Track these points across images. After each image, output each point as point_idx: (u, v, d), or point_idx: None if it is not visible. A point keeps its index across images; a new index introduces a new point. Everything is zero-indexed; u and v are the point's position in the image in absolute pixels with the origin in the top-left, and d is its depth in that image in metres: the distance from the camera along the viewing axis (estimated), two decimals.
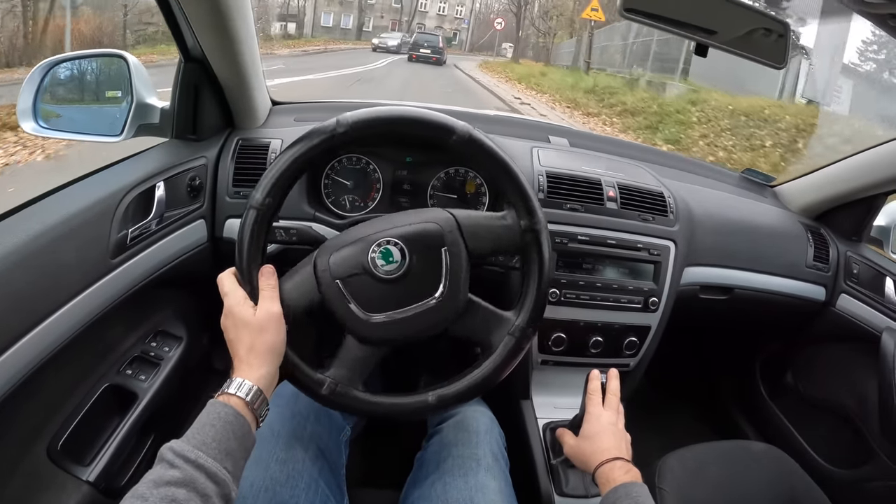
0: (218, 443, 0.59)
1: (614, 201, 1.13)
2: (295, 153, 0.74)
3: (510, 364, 0.80)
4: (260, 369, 0.67)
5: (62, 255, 0.77)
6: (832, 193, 1.36)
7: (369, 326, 0.75)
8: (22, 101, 1.00)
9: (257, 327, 0.69)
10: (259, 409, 0.66)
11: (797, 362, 1.50)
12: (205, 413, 0.63)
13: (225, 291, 0.73)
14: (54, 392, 0.86)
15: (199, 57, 1.00)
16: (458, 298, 0.77)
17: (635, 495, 0.72)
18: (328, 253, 0.76)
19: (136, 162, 0.99)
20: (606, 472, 0.78)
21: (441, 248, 0.76)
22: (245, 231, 0.73)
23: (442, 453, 0.90)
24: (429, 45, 22.14)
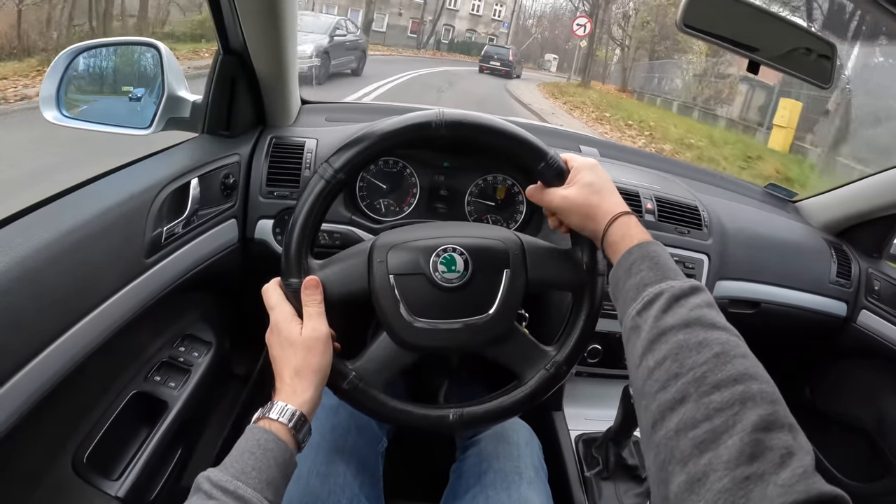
0: (258, 472, 0.56)
1: (652, 213, 1.13)
2: (387, 131, 0.70)
3: (540, 397, 0.77)
4: (305, 393, 0.64)
5: (96, 253, 0.72)
6: (855, 211, 1.37)
7: (411, 330, 0.72)
8: (45, 88, 0.96)
9: (304, 347, 0.65)
10: (302, 435, 0.63)
11: (816, 377, 1.51)
12: (244, 439, 0.59)
13: (271, 305, 0.69)
14: (81, 399, 0.81)
15: (239, 50, 0.96)
16: (505, 323, 0.74)
17: (654, 255, 0.62)
18: (386, 247, 0.73)
19: (170, 156, 0.94)
20: (622, 229, 0.66)
21: (504, 269, 0.74)
22: (304, 205, 0.69)
23: (482, 466, 0.87)
24: (499, 58, 21.88)
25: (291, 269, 0.69)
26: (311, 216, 0.70)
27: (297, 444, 0.62)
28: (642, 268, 0.61)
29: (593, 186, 0.70)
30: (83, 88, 1.03)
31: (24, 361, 0.61)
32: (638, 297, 0.58)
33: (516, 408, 0.76)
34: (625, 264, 0.63)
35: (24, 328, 0.61)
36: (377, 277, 0.72)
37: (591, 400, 1.15)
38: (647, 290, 0.58)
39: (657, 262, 0.61)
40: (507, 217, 1.13)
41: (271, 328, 0.68)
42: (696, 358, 0.50)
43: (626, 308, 0.60)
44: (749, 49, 0.95)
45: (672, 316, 0.54)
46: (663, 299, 0.56)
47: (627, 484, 1.08)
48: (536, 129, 1.53)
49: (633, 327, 0.58)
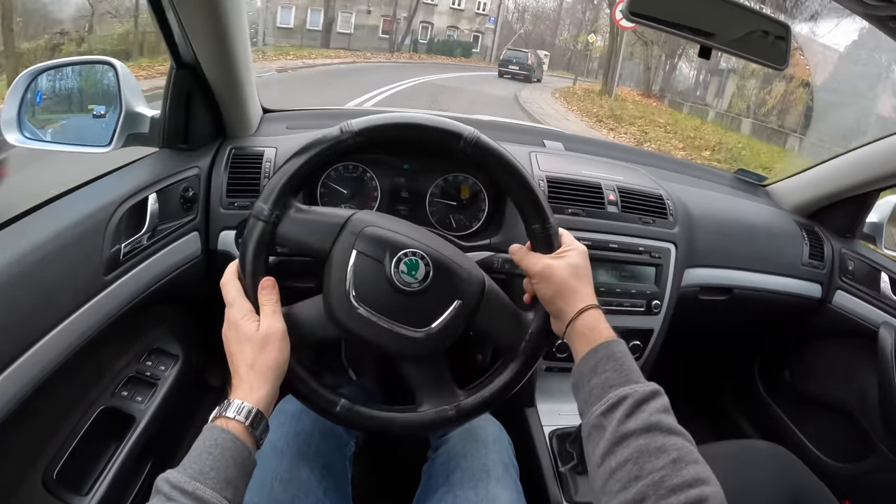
0: (217, 471, 0.56)
1: (615, 205, 1.13)
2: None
3: (425, 431, 0.79)
4: (261, 390, 0.64)
5: (53, 273, 0.73)
6: (825, 192, 1.38)
7: (346, 308, 0.71)
8: (6, 110, 0.96)
9: (260, 344, 0.66)
10: (259, 432, 0.63)
11: (795, 360, 1.51)
12: (201, 439, 0.59)
13: (230, 301, 0.70)
14: (48, 417, 0.82)
15: (191, 63, 0.97)
16: (433, 346, 0.74)
17: (619, 356, 0.64)
18: (364, 223, 0.74)
19: (127, 173, 0.95)
20: (593, 321, 0.68)
21: (457, 298, 0.74)
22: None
23: (450, 465, 0.87)
24: (517, 62, 21.68)
25: (270, 197, 0.70)
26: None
27: (254, 442, 0.62)
28: (608, 368, 0.63)
29: (578, 270, 0.72)
30: (44, 109, 1.04)
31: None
32: (603, 397, 0.61)
33: (402, 430, 0.76)
34: (591, 361, 0.65)
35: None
36: (340, 246, 0.72)
37: (564, 395, 1.14)
38: (612, 391, 0.61)
39: (622, 364, 0.64)
40: (469, 217, 1.13)
41: (228, 324, 0.68)
42: (655, 463, 0.54)
43: (590, 406, 0.62)
44: (704, 35, 0.95)
45: (634, 421, 0.58)
46: (627, 404, 0.59)
47: None
48: (501, 125, 1.53)
49: (596, 426, 0.61)
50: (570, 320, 0.69)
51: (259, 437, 0.63)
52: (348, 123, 0.72)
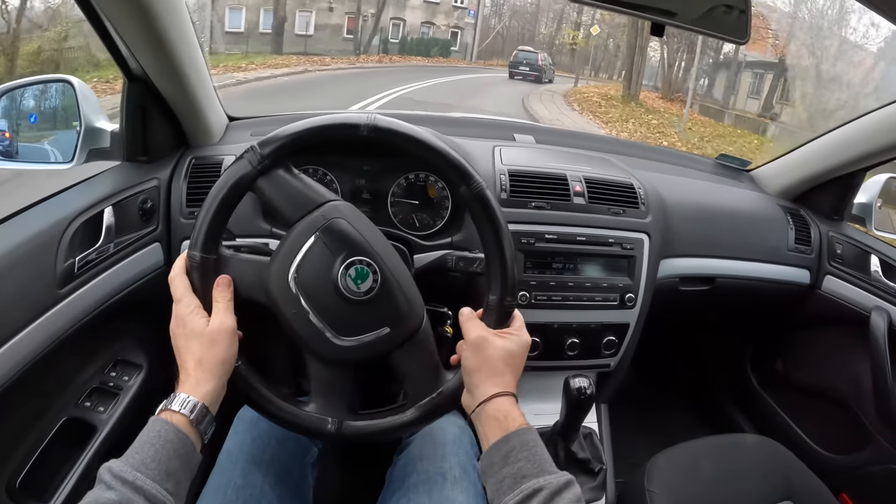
0: (158, 463, 0.56)
1: (581, 196, 1.10)
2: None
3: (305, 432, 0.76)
4: (207, 384, 0.64)
5: (5, 289, 0.75)
6: (809, 173, 1.33)
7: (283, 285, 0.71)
8: None
9: (209, 340, 0.66)
10: (204, 426, 0.63)
11: (786, 349, 1.47)
12: (145, 431, 0.59)
13: (177, 297, 0.69)
14: (11, 428, 0.83)
15: (141, 77, 0.97)
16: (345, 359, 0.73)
17: (531, 445, 0.63)
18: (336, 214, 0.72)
19: (83, 189, 0.96)
20: (508, 407, 0.66)
21: (386, 326, 0.72)
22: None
23: (408, 468, 0.86)
24: (527, 63, 21.02)
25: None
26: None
27: (199, 436, 0.62)
28: (520, 458, 0.61)
29: (512, 357, 0.70)
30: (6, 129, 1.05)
31: None
32: (516, 487, 0.59)
33: (278, 419, 0.75)
34: (503, 449, 0.63)
35: None
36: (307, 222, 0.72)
37: (537, 394, 1.13)
38: (525, 482, 0.59)
39: (535, 454, 0.62)
40: (432, 215, 1.11)
41: (175, 320, 0.68)
42: None
43: (502, 496, 0.60)
44: (665, 14, 0.92)
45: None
46: (542, 496, 0.57)
47: (580, 478, 1.05)
48: (472, 122, 1.52)
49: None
50: (483, 401, 0.67)
51: (204, 432, 0.63)
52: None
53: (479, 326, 0.72)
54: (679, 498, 0.96)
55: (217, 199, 0.70)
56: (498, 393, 0.67)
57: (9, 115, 1.04)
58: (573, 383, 0.91)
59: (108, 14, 0.84)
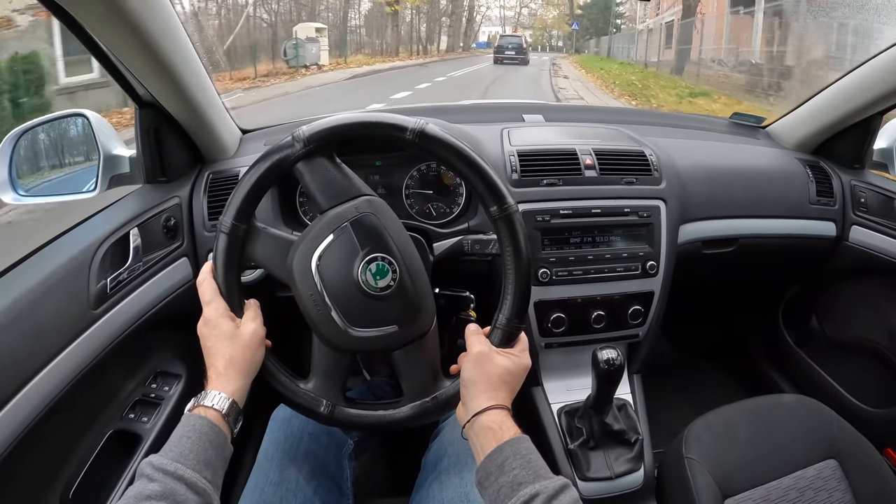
0: (195, 453, 0.61)
1: (593, 169, 1.10)
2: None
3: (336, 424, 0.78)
4: (236, 382, 0.69)
5: (41, 315, 0.78)
6: (825, 123, 1.30)
7: (304, 268, 0.73)
8: None
9: (241, 343, 0.71)
10: (233, 419, 0.67)
11: (820, 305, 1.44)
12: (181, 426, 0.64)
13: (206, 300, 0.74)
14: (61, 444, 0.87)
15: (150, 101, 1.00)
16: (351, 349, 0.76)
17: (525, 452, 0.64)
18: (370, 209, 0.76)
19: (109, 213, 1.00)
20: (501, 418, 0.68)
21: (395, 324, 0.74)
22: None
23: (440, 452, 0.89)
24: (513, 48, 22.34)
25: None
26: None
27: (229, 429, 0.67)
28: (515, 465, 0.63)
29: (511, 376, 0.72)
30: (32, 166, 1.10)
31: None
32: (513, 495, 0.60)
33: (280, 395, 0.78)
34: (497, 459, 0.64)
35: None
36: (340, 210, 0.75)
37: (568, 370, 1.13)
38: (521, 489, 0.60)
39: (529, 461, 0.63)
40: (448, 203, 1.13)
41: (204, 321, 0.73)
42: None
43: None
44: None
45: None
46: (539, 501, 0.58)
47: (617, 450, 1.06)
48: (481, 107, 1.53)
49: None
50: (477, 413, 0.69)
51: (233, 425, 0.67)
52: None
53: (482, 342, 0.74)
54: (718, 463, 0.95)
55: (256, 175, 0.74)
56: (492, 406, 0.68)
57: (31, 153, 1.09)
58: (601, 355, 0.92)
59: (109, 46, 0.87)
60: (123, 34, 0.83)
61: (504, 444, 0.65)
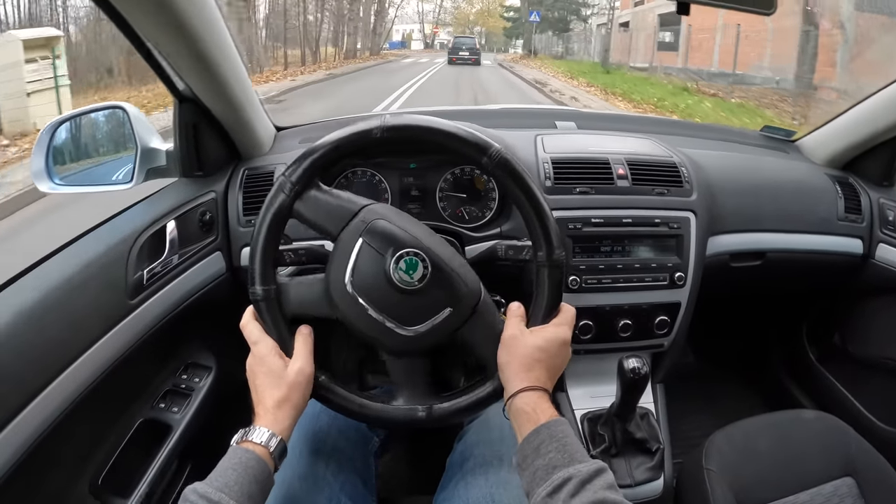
0: (240, 486, 0.62)
1: (625, 178, 1.11)
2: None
3: (398, 427, 0.81)
4: (285, 422, 0.70)
5: (80, 303, 0.80)
6: (855, 139, 1.30)
7: (342, 292, 0.74)
8: (34, 163, 1.04)
9: (291, 384, 0.72)
10: (279, 457, 0.69)
11: (843, 322, 1.43)
12: (227, 458, 0.65)
13: (253, 340, 0.75)
14: (92, 431, 0.89)
15: (190, 97, 1.02)
16: (415, 349, 0.76)
17: (561, 436, 0.64)
18: (375, 216, 0.76)
19: (146, 205, 1.01)
20: (536, 400, 0.68)
21: (449, 306, 0.74)
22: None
23: (465, 454, 0.90)
24: (466, 48, 23.28)
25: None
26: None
27: (273, 464, 0.68)
28: (550, 449, 0.63)
29: (543, 353, 0.72)
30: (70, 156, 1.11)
31: (23, 406, 0.69)
32: (548, 478, 0.61)
33: (373, 419, 0.79)
34: (533, 442, 0.65)
35: (19, 377, 0.70)
36: (349, 231, 0.75)
37: (593, 377, 1.14)
38: (556, 472, 0.61)
39: (564, 444, 0.64)
40: (481, 208, 1.14)
41: (254, 358, 0.74)
42: None
43: (535, 487, 0.62)
44: None
45: (579, 499, 0.58)
46: (572, 484, 0.59)
47: (638, 458, 1.07)
48: (513, 112, 1.53)
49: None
50: (511, 395, 0.70)
51: (277, 461, 0.69)
52: (383, 118, 0.74)
53: (514, 325, 0.74)
54: (737, 476, 0.95)
55: (262, 233, 0.75)
56: (526, 388, 0.69)
57: (72, 142, 1.11)
58: (627, 364, 0.92)
59: (152, 40, 0.88)
60: (169, 30, 0.84)
61: (541, 426, 0.65)
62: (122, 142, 1.12)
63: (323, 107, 9.90)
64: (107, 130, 1.14)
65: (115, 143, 1.13)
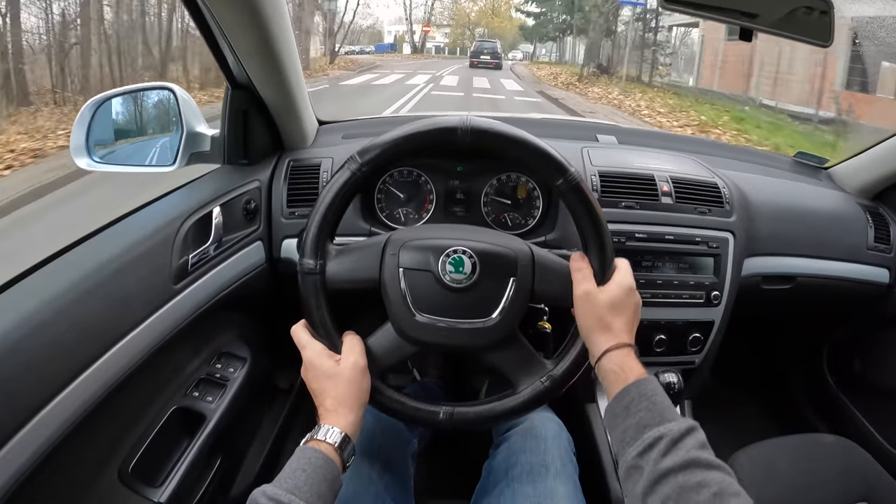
0: (310, 486, 0.61)
1: (669, 196, 1.11)
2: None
3: (531, 408, 0.78)
4: (347, 417, 0.70)
5: (126, 283, 0.79)
6: (888, 171, 1.31)
7: (412, 322, 0.74)
8: (74, 137, 1.02)
9: (344, 380, 0.71)
10: (346, 454, 0.68)
11: (865, 350, 1.45)
12: (295, 458, 0.65)
13: (303, 344, 0.75)
14: (125, 416, 0.88)
15: (245, 83, 1.01)
16: (505, 329, 0.76)
17: (650, 394, 0.64)
18: (400, 242, 0.76)
19: (192, 189, 1.00)
20: (621, 358, 0.68)
21: (510, 276, 0.75)
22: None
23: (510, 460, 0.89)
24: (488, 52, 22.99)
25: (308, 251, 0.74)
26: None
27: (342, 463, 0.68)
28: (640, 408, 0.63)
29: (618, 305, 0.72)
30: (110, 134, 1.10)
31: (67, 382, 0.67)
32: (638, 437, 0.61)
33: (507, 415, 0.78)
34: (623, 401, 0.65)
35: (65, 354, 0.68)
36: (387, 269, 0.75)
37: None
38: (646, 432, 0.61)
39: (655, 403, 0.63)
40: (524, 215, 1.14)
41: (306, 365, 0.74)
42: (697, 498, 0.54)
43: (626, 447, 0.62)
44: (747, 17, 0.93)
45: (671, 458, 0.57)
46: (663, 443, 0.58)
47: None
48: (554, 123, 1.53)
49: (633, 467, 0.60)
50: (600, 357, 0.70)
51: (346, 459, 0.68)
52: (353, 156, 0.74)
53: (582, 280, 0.73)
54: (758, 496, 0.95)
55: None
56: (610, 347, 0.69)
57: (114, 120, 1.09)
58: (662, 378, 0.93)
59: (222, 25, 0.87)
60: (241, 16, 0.84)
61: (630, 385, 0.65)
62: (163, 124, 1.11)
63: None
64: (150, 111, 1.13)
65: (157, 124, 1.12)
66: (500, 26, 36.70)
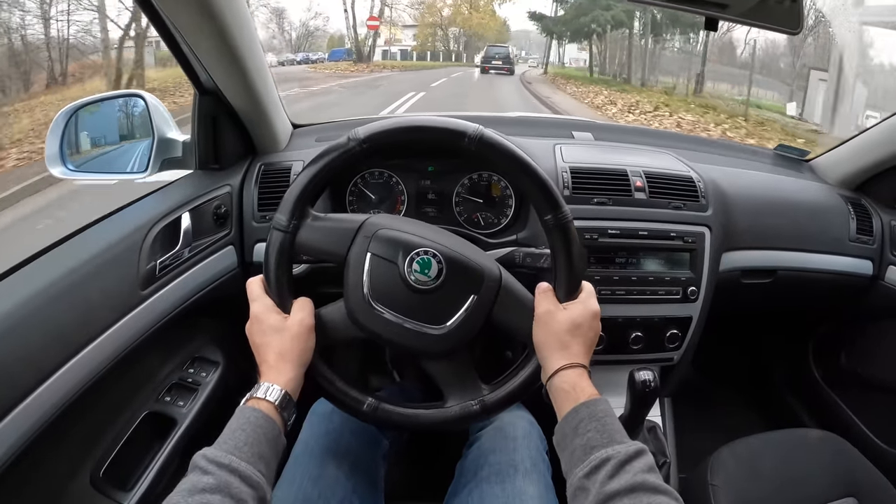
0: (250, 446, 0.60)
1: (642, 191, 1.11)
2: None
3: (454, 427, 0.78)
4: (288, 373, 0.69)
5: (92, 290, 0.80)
6: (869, 161, 1.30)
7: (366, 310, 0.74)
8: (49, 146, 1.03)
9: (289, 335, 0.71)
10: (287, 412, 0.67)
11: (851, 342, 1.44)
12: (235, 419, 0.64)
13: (253, 297, 0.75)
14: (96, 422, 0.88)
15: (212, 89, 1.01)
16: (453, 343, 0.75)
17: (601, 415, 0.63)
18: (375, 227, 0.76)
19: (161, 195, 1.01)
20: (574, 378, 0.67)
21: (472, 293, 0.75)
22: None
23: (479, 461, 0.88)
24: (500, 58, 22.49)
25: (285, 208, 0.74)
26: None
27: (283, 422, 0.67)
28: (589, 428, 0.62)
29: (578, 327, 0.71)
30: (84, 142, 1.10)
31: (33, 388, 0.68)
32: (585, 459, 0.60)
33: (430, 425, 0.78)
34: (572, 422, 0.64)
35: (32, 359, 0.69)
36: (356, 250, 0.75)
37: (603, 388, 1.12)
38: (594, 453, 0.60)
39: (604, 424, 0.62)
40: (497, 213, 1.14)
41: (252, 318, 0.73)
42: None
43: (573, 467, 0.62)
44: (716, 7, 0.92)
45: (618, 481, 0.56)
46: (610, 465, 0.58)
47: None
48: (530, 121, 1.53)
49: (580, 488, 0.60)
50: (550, 374, 0.69)
51: (287, 418, 0.67)
52: (355, 131, 0.74)
53: (545, 300, 0.73)
54: (742, 492, 0.95)
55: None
56: (564, 366, 0.68)
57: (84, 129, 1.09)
58: (638, 376, 0.91)
59: (183, 32, 0.88)
60: (200, 20, 0.84)
61: (581, 405, 0.64)
62: (136, 131, 1.11)
63: None
64: (122, 119, 1.13)
65: (130, 131, 1.13)
66: (479, 24, 29.49)
